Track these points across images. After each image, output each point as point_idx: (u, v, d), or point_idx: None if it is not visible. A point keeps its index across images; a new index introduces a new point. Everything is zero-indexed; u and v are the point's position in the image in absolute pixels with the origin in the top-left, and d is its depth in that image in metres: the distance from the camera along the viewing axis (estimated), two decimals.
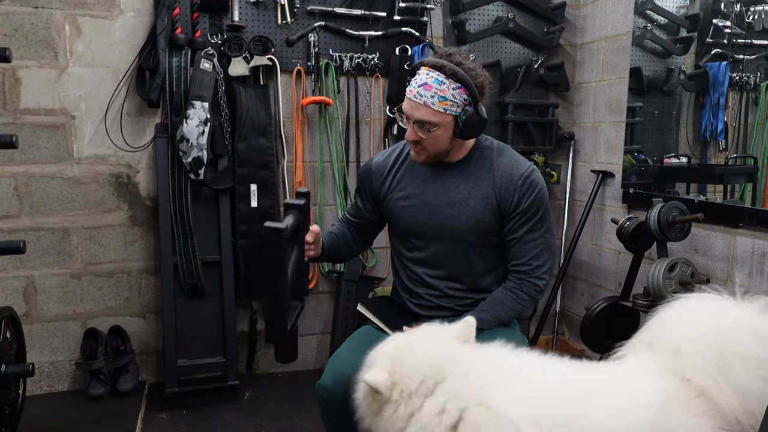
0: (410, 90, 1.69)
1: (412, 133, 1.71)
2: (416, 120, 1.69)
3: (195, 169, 2.65)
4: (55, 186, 2.73)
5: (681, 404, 1.27)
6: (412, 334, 1.41)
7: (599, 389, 1.29)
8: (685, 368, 1.30)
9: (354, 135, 3.04)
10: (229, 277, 2.78)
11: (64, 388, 2.83)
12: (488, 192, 1.78)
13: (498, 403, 1.19)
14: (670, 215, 2.39)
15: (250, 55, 2.77)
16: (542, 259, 1.80)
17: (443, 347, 1.31)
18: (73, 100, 2.70)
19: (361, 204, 2.00)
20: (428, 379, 1.24)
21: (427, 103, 1.66)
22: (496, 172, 1.79)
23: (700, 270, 2.48)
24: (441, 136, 1.71)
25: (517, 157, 1.84)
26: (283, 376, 3.07)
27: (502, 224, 1.80)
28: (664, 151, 2.94)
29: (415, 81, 1.69)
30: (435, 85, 1.66)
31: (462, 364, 1.27)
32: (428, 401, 1.22)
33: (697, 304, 1.39)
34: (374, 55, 2.98)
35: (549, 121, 3.27)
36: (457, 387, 1.22)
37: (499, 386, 1.23)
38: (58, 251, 2.76)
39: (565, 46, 3.32)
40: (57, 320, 2.79)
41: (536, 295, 1.82)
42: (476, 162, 1.81)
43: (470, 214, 1.78)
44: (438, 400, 1.21)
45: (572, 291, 3.46)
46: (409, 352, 1.29)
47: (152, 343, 2.93)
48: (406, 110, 1.71)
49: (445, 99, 1.66)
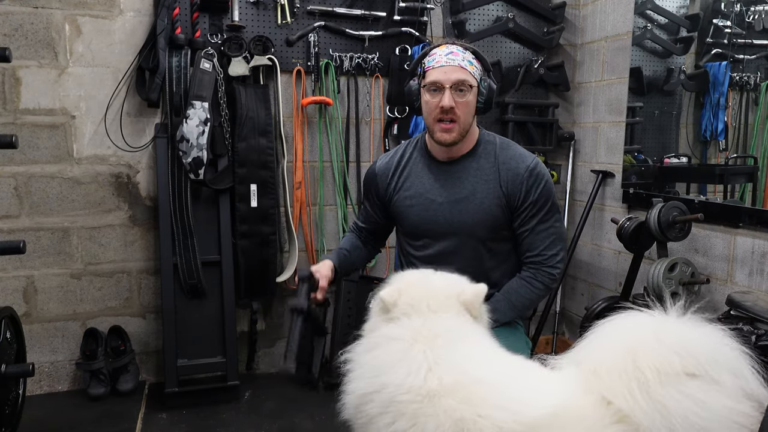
0: (437, 60, 1.74)
1: (450, 99, 1.73)
2: (454, 82, 1.72)
3: (195, 169, 2.65)
4: (55, 186, 2.73)
5: (580, 413, 1.24)
6: (430, 275, 1.50)
7: (517, 378, 1.31)
8: (605, 389, 1.26)
9: (354, 135, 3.04)
10: (229, 277, 2.78)
11: (64, 388, 2.83)
12: (494, 186, 1.79)
13: (449, 354, 1.29)
14: (670, 215, 2.39)
15: (250, 55, 2.77)
16: (555, 249, 1.82)
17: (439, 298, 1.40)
18: (73, 100, 2.70)
19: (370, 208, 2.01)
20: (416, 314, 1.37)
21: (462, 65, 1.72)
22: (502, 166, 1.80)
23: (700, 270, 2.48)
24: (471, 104, 1.76)
25: (521, 150, 1.86)
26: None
27: (512, 218, 1.82)
28: (664, 151, 2.93)
29: (438, 54, 1.75)
30: (460, 53, 1.74)
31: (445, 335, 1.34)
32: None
33: (618, 323, 1.35)
34: (374, 55, 2.98)
35: (549, 121, 3.27)
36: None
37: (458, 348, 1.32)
38: (58, 251, 2.76)
39: (565, 46, 3.32)
40: (57, 320, 2.79)
41: (551, 284, 1.84)
42: (480, 156, 1.83)
43: (477, 209, 1.79)
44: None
45: (572, 291, 3.46)
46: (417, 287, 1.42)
47: (152, 343, 2.93)
48: (440, 78, 1.72)
49: (472, 64, 1.75)
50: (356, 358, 1.39)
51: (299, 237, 2.98)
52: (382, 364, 1.30)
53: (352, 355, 1.40)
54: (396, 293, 1.39)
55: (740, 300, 2.04)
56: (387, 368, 1.29)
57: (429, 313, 1.37)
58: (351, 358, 1.40)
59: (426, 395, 1.23)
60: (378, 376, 1.29)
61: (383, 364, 1.30)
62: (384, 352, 1.33)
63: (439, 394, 1.23)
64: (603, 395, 1.27)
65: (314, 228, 3.04)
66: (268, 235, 2.82)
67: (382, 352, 1.33)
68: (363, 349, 1.40)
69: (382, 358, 1.32)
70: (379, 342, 1.37)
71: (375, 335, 1.40)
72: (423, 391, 1.23)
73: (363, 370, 1.34)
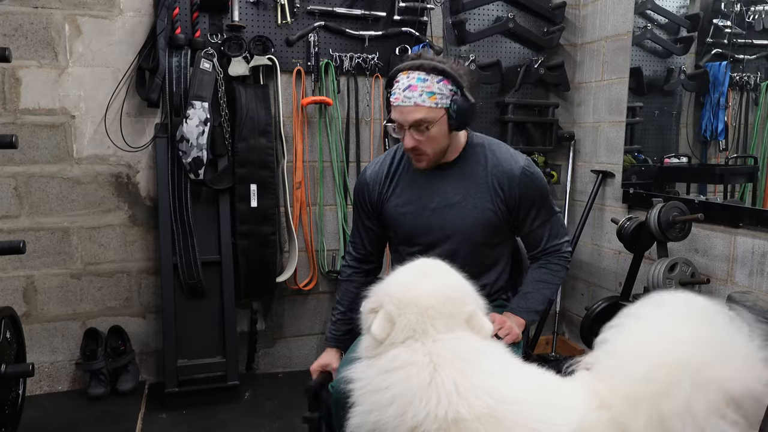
0: (396, 98, 1.67)
1: (411, 140, 1.69)
2: (411, 123, 1.66)
3: (195, 169, 2.65)
4: (55, 186, 2.73)
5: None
6: (416, 286, 1.40)
7: (541, 394, 1.27)
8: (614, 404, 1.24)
9: (354, 135, 3.04)
10: (229, 277, 2.78)
11: (64, 388, 2.83)
12: (487, 189, 1.79)
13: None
14: (670, 215, 2.39)
15: (250, 55, 2.77)
16: (560, 236, 1.88)
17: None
18: (73, 100, 2.70)
19: (366, 220, 1.94)
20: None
21: (418, 103, 1.64)
22: (494, 169, 1.79)
23: (701, 270, 2.48)
24: (438, 134, 1.69)
25: (512, 151, 1.85)
26: (283, 376, 3.06)
27: (509, 218, 1.83)
28: (664, 151, 2.94)
29: (397, 88, 1.68)
30: (419, 84, 1.65)
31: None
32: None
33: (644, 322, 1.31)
34: (374, 55, 2.98)
35: (549, 121, 3.26)
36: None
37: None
38: (58, 251, 2.76)
39: (565, 46, 3.31)
40: (57, 320, 2.79)
41: (566, 264, 1.90)
42: (470, 160, 1.82)
43: (471, 213, 1.78)
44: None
45: (572, 291, 3.46)
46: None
47: (152, 343, 2.93)
48: (398, 118, 1.68)
49: (434, 93, 1.65)
50: (365, 385, 1.30)
51: (299, 237, 2.98)
52: (402, 393, 1.23)
53: (359, 381, 1.32)
54: (387, 324, 1.30)
55: (740, 300, 2.04)
56: (409, 396, 1.22)
57: (438, 334, 1.30)
58: (358, 385, 1.32)
59: (453, 422, 1.18)
60: (397, 405, 1.22)
61: (403, 393, 1.23)
62: (401, 379, 1.25)
63: (468, 420, 1.19)
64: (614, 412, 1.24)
65: (314, 228, 3.04)
66: (268, 235, 2.81)
67: (399, 380, 1.25)
68: (371, 374, 1.31)
69: (401, 386, 1.24)
70: (390, 368, 1.28)
71: (384, 361, 1.30)
72: (450, 418, 1.18)
73: (377, 398, 1.26)
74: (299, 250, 2.96)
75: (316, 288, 3.09)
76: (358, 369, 1.35)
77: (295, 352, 3.13)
